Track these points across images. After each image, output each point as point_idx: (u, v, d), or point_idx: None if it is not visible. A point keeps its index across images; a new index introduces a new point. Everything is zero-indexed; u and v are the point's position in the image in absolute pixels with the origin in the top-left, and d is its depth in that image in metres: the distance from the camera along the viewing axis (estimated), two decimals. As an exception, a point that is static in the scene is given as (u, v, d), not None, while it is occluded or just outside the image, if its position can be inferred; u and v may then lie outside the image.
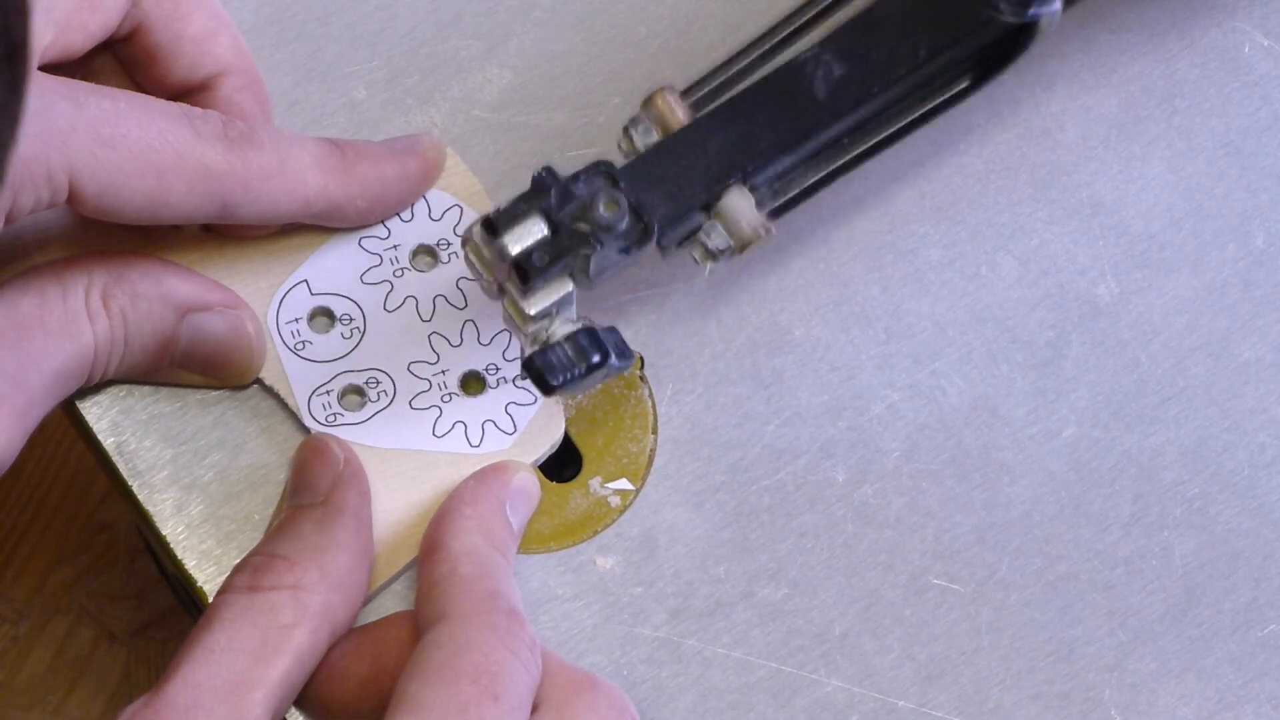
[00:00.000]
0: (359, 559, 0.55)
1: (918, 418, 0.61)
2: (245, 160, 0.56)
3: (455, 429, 0.59)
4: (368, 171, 0.59)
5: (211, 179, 0.55)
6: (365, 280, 0.60)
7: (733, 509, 0.60)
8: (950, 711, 0.58)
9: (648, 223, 0.55)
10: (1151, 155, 0.64)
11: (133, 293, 0.56)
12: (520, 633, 0.53)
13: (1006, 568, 0.59)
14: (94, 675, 0.76)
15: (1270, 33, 0.66)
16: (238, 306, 0.58)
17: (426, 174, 0.61)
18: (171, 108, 0.56)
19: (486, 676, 0.52)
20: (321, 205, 0.58)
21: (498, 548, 0.56)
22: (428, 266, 0.60)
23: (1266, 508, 0.60)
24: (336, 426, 0.58)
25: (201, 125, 0.55)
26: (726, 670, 0.58)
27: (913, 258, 0.63)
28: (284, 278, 0.59)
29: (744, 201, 0.57)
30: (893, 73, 0.58)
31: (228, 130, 0.56)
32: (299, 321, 0.59)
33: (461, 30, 0.65)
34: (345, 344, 0.59)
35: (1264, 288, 0.63)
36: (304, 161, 0.57)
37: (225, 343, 0.58)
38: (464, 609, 0.53)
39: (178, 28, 0.58)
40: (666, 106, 0.57)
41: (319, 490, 0.56)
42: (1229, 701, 0.58)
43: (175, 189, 0.55)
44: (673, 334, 0.62)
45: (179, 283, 0.57)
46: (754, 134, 0.57)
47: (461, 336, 0.59)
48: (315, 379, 0.59)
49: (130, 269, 0.57)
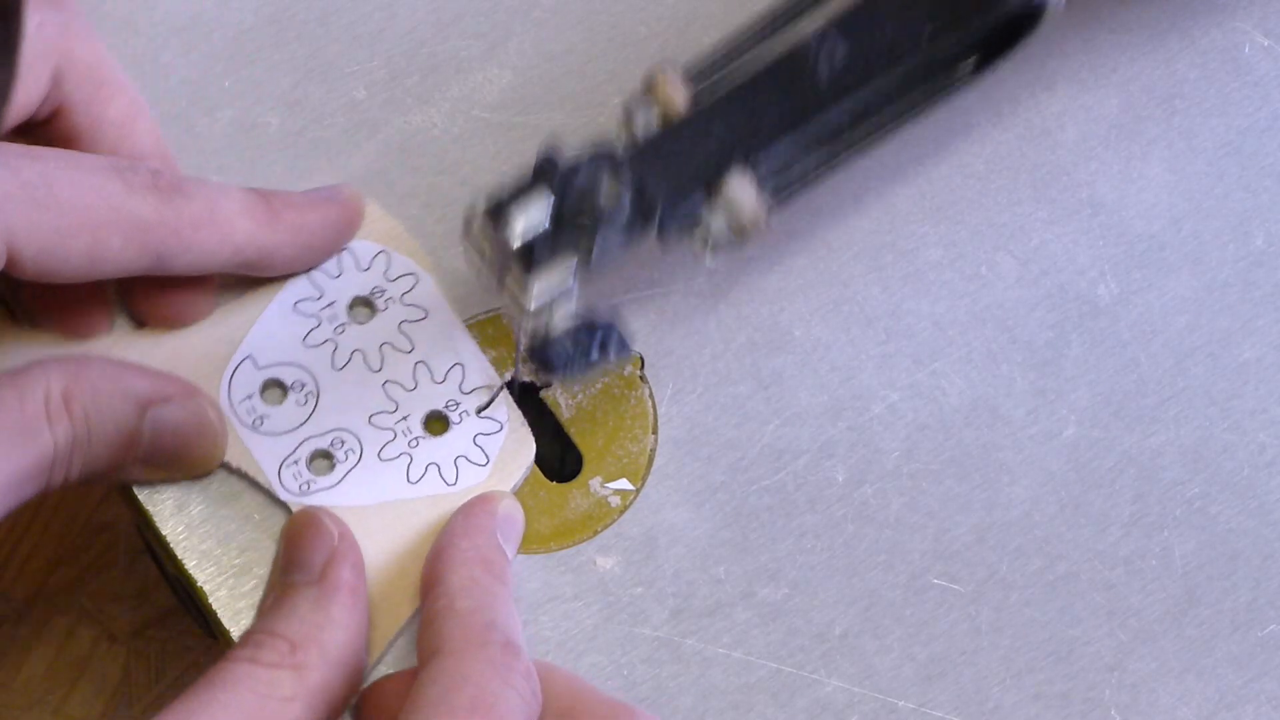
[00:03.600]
0: (356, 635, 0.55)
1: (918, 418, 0.61)
2: (177, 210, 0.56)
3: (429, 471, 0.59)
4: (293, 219, 0.58)
5: (145, 230, 0.55)
6: (308, 343, 0.59)
7: (733, 509, 0.60)
8: (950, 711, 0.58)
9: (650, 207, 0.55)
10: (1151, 155, 0.64)
11: (93, 390, 0.55)
12: (515, 664, 0.53)
13: (1006, 568, 0.60)
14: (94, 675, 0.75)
15: (1270, 33, 0.66)
16: (196, 395, 0.58)
17: (349, 220, 0.60)
18: (101, 162, 0.55)
19: (483, 708, 0.52)
20: (250, 253, 0.58)
21: (497, 576, 0.56)
22: (366, 317, 0.60)
23: (1266, 508, 0.60)
24: (312, 494, 0.58)
25: (132, 177, 0.55)
26: (726, 670, 0.58)
27: (913, 258, 0.63)
28: (227, 358, 0.59)
29: (745, 187, 0.57)
30: (896, 56, 0.57)
31: (157, 181, 0.56)
32: (252, 398, 0.59)
33: (461, 30, 0.65)
34: (302, 410, 0.59)
35: (1264, 288, 0.63)
36: (232, 209, 0.57)
37: (189, 432, 0.57)
38: (459, 643, 0.54)
39: (99, 111, 0.58)
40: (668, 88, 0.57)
41: (314, 567, 0.56)
42: (1229, 701, 0.58)
43: (111, 244, 0.55)
44: (673, 334, 0.62)
45: (137, 378, 0.57)
46: (756, 117, 0.57)
47: (415, 379, 0.59)
48: (281, 451, 0.58)
49: (88, 368, 0.56)
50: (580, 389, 0.61)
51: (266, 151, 0.63)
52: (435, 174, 0.63)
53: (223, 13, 0.65)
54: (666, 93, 0.57)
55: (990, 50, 0.59)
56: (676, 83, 0.57)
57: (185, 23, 0.65)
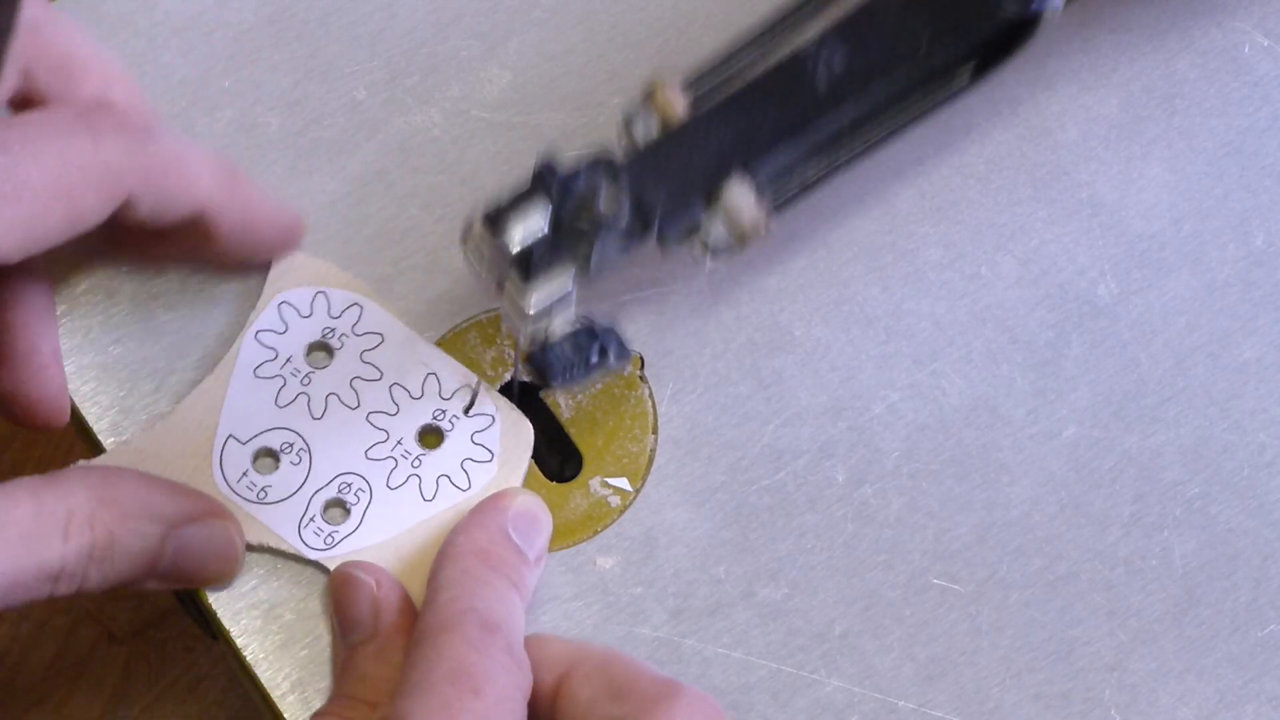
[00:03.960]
0: None
1: (918, 418, 0.61)
2: (147, 152, 0.55)
3: (441, 484, 0.59)
4: (250, 195, 0.58)
5: (116, 175, 0.55)
6: (281, 403, 0.59)
7: (733, 509, 0.60)
8: (950, 711, 0.58)
9: (648, 215, 0.55)
10: (1151, 155, 0.64)
11: (122, 512, 0.55)
12: (493, 640, 0.53)
13: (1006, 568, 0.59)
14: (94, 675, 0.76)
15: (1270, 33, 0.66)
16: (224, 516, 0.57)
17: (291, 230, 0.60)
18: (64, 120, 0.55)
19: (464, 676, 0.52)
20: (209, 211, 0.57)
21: (493, 567, 0.56)
22: (327, 360, 0.60)
23: (1266, 508, 0.60)
24: (339, 545, 0.58)
25: (99, 121, 0.55)
26: (726, 670, 0.58)
27: (913, 258, 0.63)
28: (209, 445, 0.58)
29: (745, 194, 0.57)
30: (894, 65, 0.57)
31: (125, 122, 0.55)
32: (247, 474, 0.58)
33: (461, 30, 0.65)
34: (299, 469, 0.58)
35: (1264, 288, 0.63)
36: (199, 162, 0.57)
37: (210, 554, 0.57)
38: (434, 629, 0.54)
39: (72, 97, 0.57)
40: (667, 97, 0.57)
41: (365, 623, 0.56)
42: (1229, 701, 0.58)
43: (86, 200, 0.54)
44: (673, 334, 0.62)
45: (165, 498, 0.56)
46: (755, 126, 0.57)
47: (395, 403, 0.59)
48: (294, 514, 0.58)
49: (118, 484, 0.56)
50: (580, 389, 0.61)
51: (266, 151, 0.63)
52: (435, 174, 0.63)
53: (223, 13, 0.65)
54: (665, 101, 0.57)
55: (988, 57, 0.59)
56: (675, 91, 0.57)
57: (185, 23, 0.65)
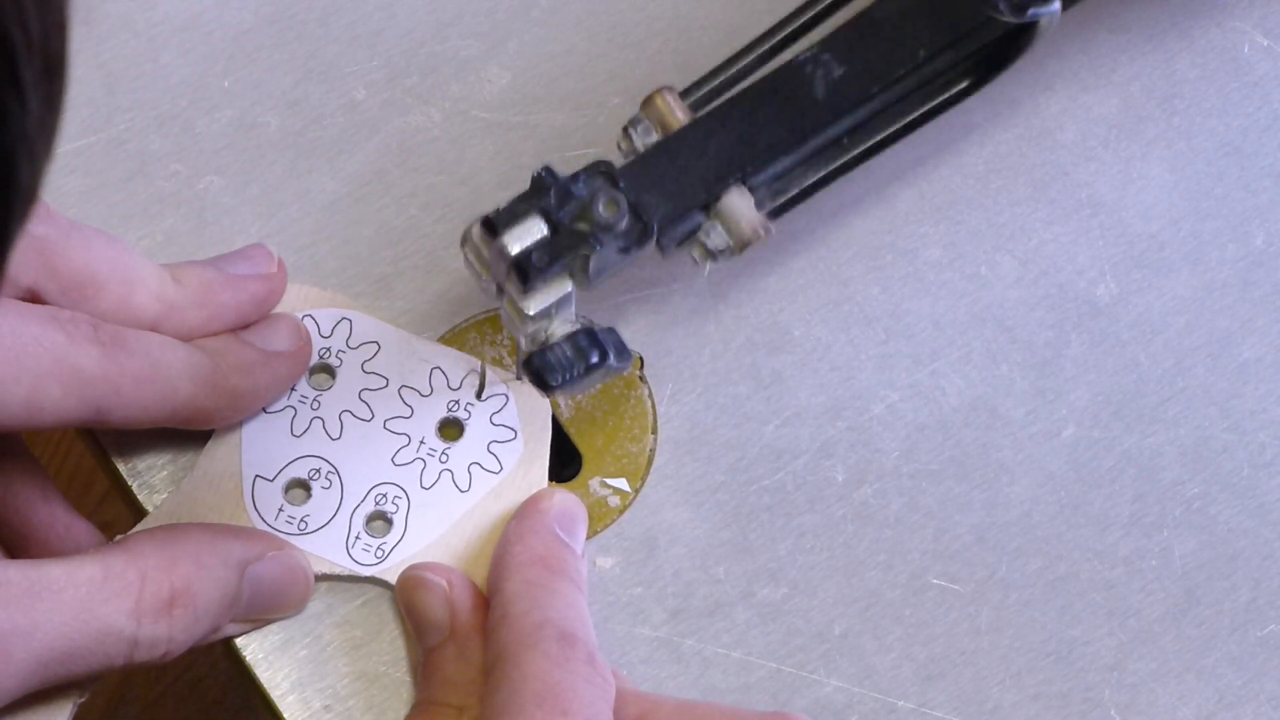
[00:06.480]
0: None
1: (917, 418, 0.61)
2: (118, 364, 0.54)
3: (474, 472, 0.59)
4: (239, 384, 0.57)
5: (85, 383, 0.54)
6: (297, 432, 0.59)
7: (733, 509, 0.60)
8: (950, 711, 0.58)
9: (647, 223, 0.55)
10: (1151, 155, 0.64)
11: (195, 564, 0.55)
12: (574, 654, 0.54)
13: (1006, 568, 0.59)
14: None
15: (1270, 33, 0.66)
16: (283, 544, 0.57)
17: (294, 371, 0.59)
18: (40, 311, 0.54)
19: (550, 697, 0.52)
20: (187, 414, 0.56)
21: (556, 571, 0.56)
22: (330, 381, 0.60)
23: (1266, 508, 0.60)
24: (389, 556, 0.58)
25: (73, 329, 0.54)
26: (726, 670, 0.58)
27: (913, 258, 0.63)
28: (238, 490, 0.58)
29: (743, 201, 0.57)
30: (892, 73, 0.58)
31: (99, 334, 0.54)
32: (283, 509, 0.58)
33: (461, 30, 0.65)
34: (332, 493, 0.59)
35: (1264, 288, 0.63)
36: (176, 369, 0.56)
37: (288, 583, 0.57)
38: (513, 647, 0.54)
39: (87, 308, 0.56)
40: (666, 107, 0.57)
41: (442, 625, 0.56)
42: (1229, 701, 0.58)
43: (50, 393, 0.53)
44: (673, 334, 0.62)
45: (233, 541, 0.56)
46: (753, 134, 0.57)
47: (408, 405, 0.59)
48: (338, 537, 0.58)
49: (186, 541, 0.55)
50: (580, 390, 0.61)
51: (266, 151, 0.63)
52: (435, 174, 0.63)
53: (223, 13, 0.65)
54: (664, 113, 0.57)
55: (985, 67, 0.59)
56: (674, 103, 0.57)
57: (185, 23, 0.65)
